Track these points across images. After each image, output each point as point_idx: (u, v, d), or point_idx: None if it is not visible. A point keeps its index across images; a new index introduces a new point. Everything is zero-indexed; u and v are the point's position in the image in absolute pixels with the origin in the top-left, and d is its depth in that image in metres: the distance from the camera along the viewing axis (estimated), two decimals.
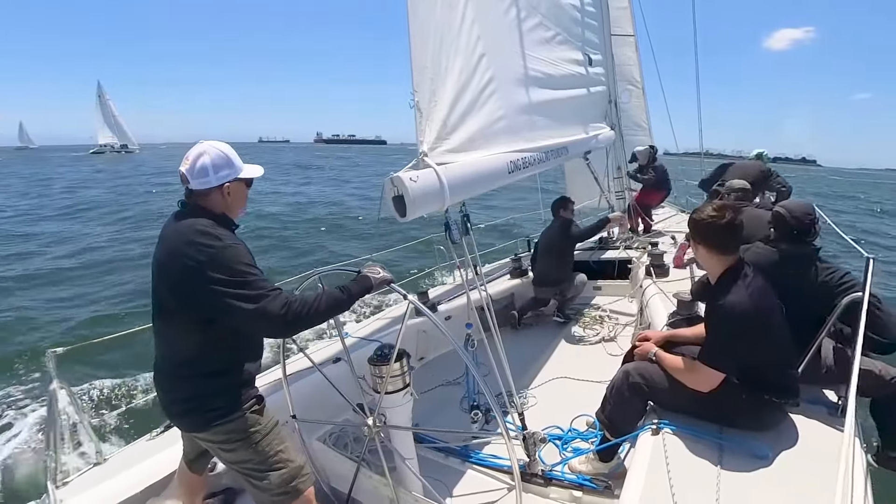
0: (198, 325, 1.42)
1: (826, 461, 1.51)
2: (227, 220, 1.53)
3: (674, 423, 1.78)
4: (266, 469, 1.52)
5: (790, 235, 2.07)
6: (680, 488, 1.46)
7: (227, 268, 1.35)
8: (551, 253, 4.06)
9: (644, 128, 7.59)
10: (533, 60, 2.77)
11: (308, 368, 2.50)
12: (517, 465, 1.67)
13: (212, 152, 1.47)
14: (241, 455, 1.52)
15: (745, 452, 1.62)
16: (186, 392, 1.49)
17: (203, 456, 1.75)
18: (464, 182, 1.88)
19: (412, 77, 1.70)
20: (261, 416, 1.55)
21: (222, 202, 1.51)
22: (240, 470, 1.55)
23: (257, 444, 1.51)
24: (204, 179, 1.46)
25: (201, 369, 1.46)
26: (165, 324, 1.50)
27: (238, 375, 1.52)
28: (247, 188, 1.59)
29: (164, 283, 1.45)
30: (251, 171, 1.58)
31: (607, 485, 1.92)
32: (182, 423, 1.58)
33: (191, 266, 1.35)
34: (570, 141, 3.23)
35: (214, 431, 1.48)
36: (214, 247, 1.37)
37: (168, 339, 1.51)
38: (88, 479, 1.87)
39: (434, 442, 2.31)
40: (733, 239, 1.69)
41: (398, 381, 1.74)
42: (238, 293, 1.33)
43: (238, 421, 1.49)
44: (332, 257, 10.18)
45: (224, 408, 1.47)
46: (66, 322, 6.60)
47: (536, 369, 3.21)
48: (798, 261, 2.03)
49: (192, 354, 1.45)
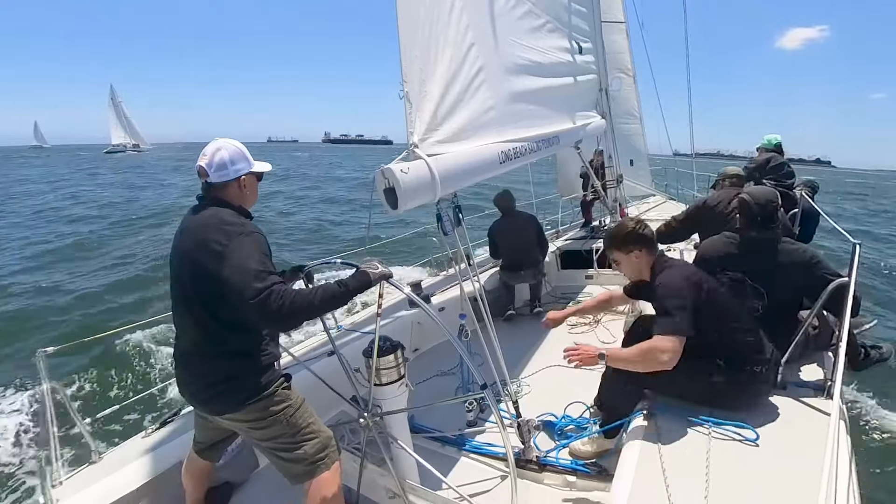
0: (222, 310, 1.45)
1: (813, 443, 1.55)
2: (245, 211, 1.61)
3: (666, 408, 1.81)
4: (300, 441, 1.57)
5: (754, 221, 2.16)
6: (672, 472, 1.49)
7: (246, 254, 1.40)
8: (526, 239, 4.06)
9: (636, 116, 7.59)
10: (523, 49, 2.75)
11: (304, 361, 2.50)
12: (511, 452, 1.69)
13: (228, 147, 1.57)
14: (273, 431, 1.56)
15: (734, 436, 1.65)
16: (219, 373, 1.51)
17: (218, 444, 1.79)
18: (455, 173, 1.87)
19: (401, 68, 1.69)
20: (291, 391, 1.62)
21: (239, 194, 1.60)
22: (271, 446, 1.59)
23: (291, 417, 1.57)
24: (223, 172, 1.55)
25: (232, 350, 1.51)
26: (190, 312, 1.52)
27: (266, 355, 1.58)
28: (258, 181, 1.68)
29: (190, 272, 1.49)
30: (261, 166, 1.68)
31: (600, 469, 1.95)
32: (214, 406, 1.58)
33: (217, 250, 1.41)
34: (561, 130, 3.22)
35: (248, 410, 1.52)
36: (240, 232, 1.44)
37: (196, 326, 1.53)
38: (83, 478, 1.86)
39: (430, 432, 2.33)
40: (654, 238, 2.03)
41: (393, 372, 1.75)
42: (245, 284, 1.36)
43: (271, 397, 1.54)
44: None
45: (257, 386, 1.52)
46: (57, 320, 6.52)
47: (530, 358, 3.24)
48: (762, 245, 2.15)
49: (224, 336, 1.49)
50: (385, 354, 1.74)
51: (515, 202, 4.29)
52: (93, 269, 9.19)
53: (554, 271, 4.74)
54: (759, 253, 2.14)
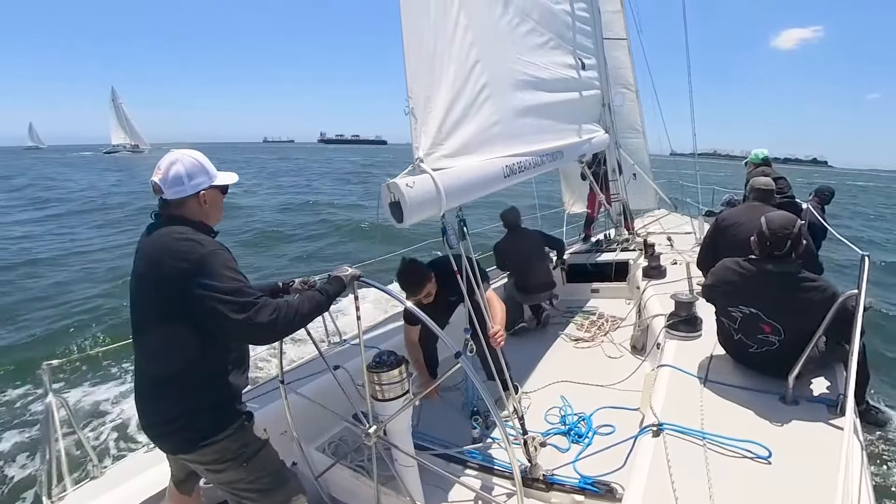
0: (181, 338, 1.36)
1: (826, 459, 1.51)
2: (206, 227, 1.48)
3: (674, 425, 1.78)
4: (258, 489, 1.48)
5: (768, 252, 2.02)
6: (682, 491, 1.45)
7: (213, 274, 1.31)
8: (540, 259, 4.06)
9: (639, 130, 7.63)
10: (527, 66, 2.79)
11: (305, 377, 2.48)
12: (518, 470, 1.66)
13: (185, 160, 1.44)
14: (230, 476, 1.47)
15: (745, 453, 1.62)
16: (168, 412, 1.41)
17: (191, 477, 1.70)
18: (460, 187, 1.88)
19: (406, 83, 1.71)
20: (249, 434, 1.50)
21: (199, 210, 1.47)
22: (230, 490, 1.51)
23: (247, 463, 1.46)
24: (178, 188, 1.42)
25: (184, 386, 1.40)
26: (146, 339, 1.44)
27: (224, 391, 1.46)
28: (222, 195, 1.56)
29: (145, 297, 1.42)
30: (225, 178, 1.55)
31: (609, 488, 1.91)
32: (167, 445, 1.50)
33: (174, 275, 1.31)
34: (564, 145, 3.24)
35: (202, 452, 1.41)
36: (196, 252, 1.33)
37: (149, 356, 1.45)
38: (84, 493, 1.84)
39: (435, 448, 2.30)
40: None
41: (397, 387, 1.74)
42: (227, 302, 1.29)
43: (225, 441, 1.42)
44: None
45: (210, 427, 1.41)
46: (61, 332, 6.54)
47: (535, 373, 3.20)
48: (778, 279, 1.99)
49: (175, 370, 1.38)
50: (390, 369, 1.72)
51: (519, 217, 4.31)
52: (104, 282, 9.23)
53: (560, 285, 4.72)
54: (775, 287, 1.99)
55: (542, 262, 4.08)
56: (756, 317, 2.04)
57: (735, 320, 2.13)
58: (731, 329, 2.18)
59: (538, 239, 4.20)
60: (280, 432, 2.05)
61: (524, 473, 1.95)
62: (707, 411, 1.88)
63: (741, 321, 2.11)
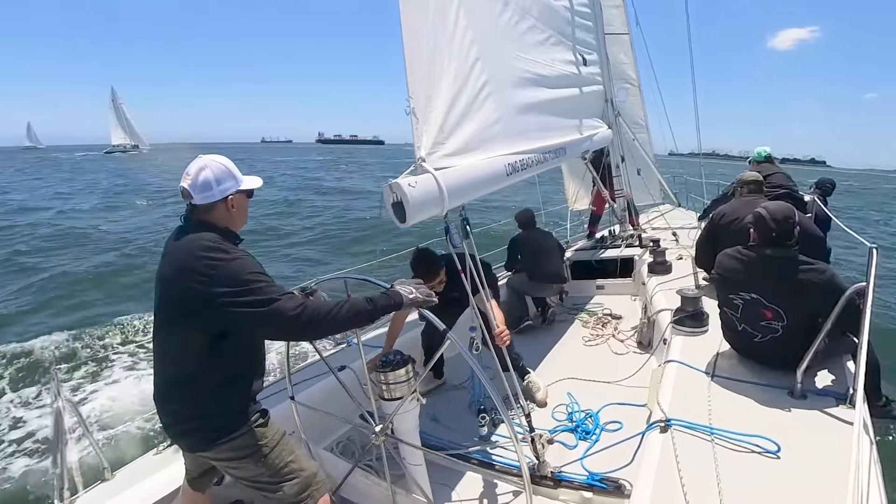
0: (202, 341, 1.39)
1: (836, 453, 1.50)
2: (232, 234, 1.51)
3: (682, 421, 1.78)
4: (279, 481, 1.51)
5: (769, 238, 2.06)
6: (691, 487, 1.45)
7: (234, 279, 1.33)
8: (553, 253, 4.12)
9: (642, 125, 7.59)
10: (527, 63, 2.78)
11: (313, 377, 2.49)
12: (526, 467, 1.66)
13: (213, 166, 1.47)
14: (250, 471, 1.50)
15: (754, 448, 1.61)
16: (189, 410, 1.46)
17: (206, 474, 1.73)
18: (462, 186, 1.88)
19: (406, 83, 1.71)
20: (267, 429, 1.53)
21: (227, 215, 1.50)
22: (251, 485, 1.54)
23: (266, 457, 1.49)
24: (208, 194, 1.45)
25: (204, 385, 1.43)
26: (168, 340, 1.48)
27: (242, 391, 1.50)
28: (248, 199, 1.59)
29: (170, 300, 1.44)
30: (251, 182, 1.57)
31: (617, 485, 1.90)
32: (185, 443, 1.55)
33: (200, 281, 1.33)
34: (567, 141, 3.23)
35: (220, 449, 1.46)
36: (223, 260, 1.35)
37: (170, 356, 1.48)
38: (96, 495, 1.86)
39: (443, 447, 2.31)
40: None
41: (404, 387, 1.74)
42: (248, 300, 1.32)
43: (244, 437, 1.47)
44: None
45: (228, 424, 1.45)
46: (71, 335, 6.60)
47: (542, 370, 3.20)
48: (778, 264, 2.03)
49: (195, 370, 1.42)
50: (396, 368, 1.73)
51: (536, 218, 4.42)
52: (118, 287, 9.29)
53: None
54: (775, 272, 2.04)
55: (557, 254, 4.17)
56: (757, 302, 2.06)
57: (737, 308, 2.15)
58: (734, 319, 2.19)
59: (549, 235, 4.35)
60: (288, 433, 2.06)
61: (532, 471, 1.95)
62: (715, 406, 1.87)
63: (743, 309, 2.12)
